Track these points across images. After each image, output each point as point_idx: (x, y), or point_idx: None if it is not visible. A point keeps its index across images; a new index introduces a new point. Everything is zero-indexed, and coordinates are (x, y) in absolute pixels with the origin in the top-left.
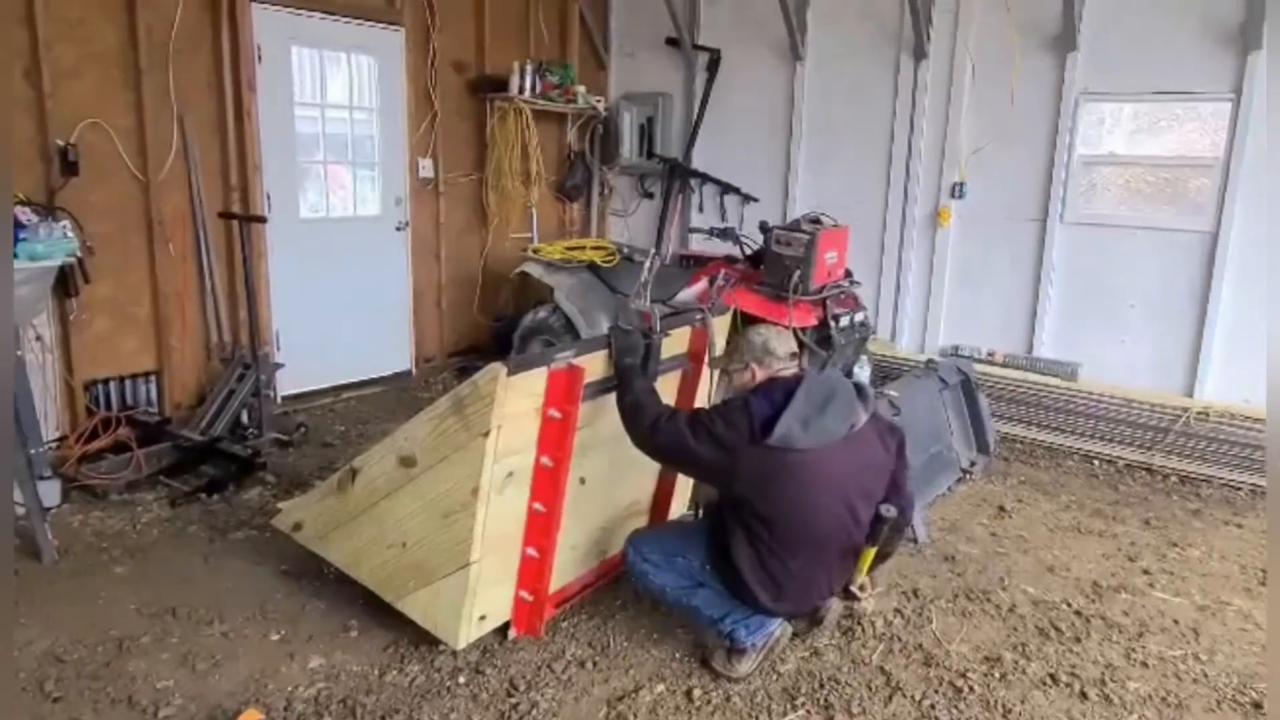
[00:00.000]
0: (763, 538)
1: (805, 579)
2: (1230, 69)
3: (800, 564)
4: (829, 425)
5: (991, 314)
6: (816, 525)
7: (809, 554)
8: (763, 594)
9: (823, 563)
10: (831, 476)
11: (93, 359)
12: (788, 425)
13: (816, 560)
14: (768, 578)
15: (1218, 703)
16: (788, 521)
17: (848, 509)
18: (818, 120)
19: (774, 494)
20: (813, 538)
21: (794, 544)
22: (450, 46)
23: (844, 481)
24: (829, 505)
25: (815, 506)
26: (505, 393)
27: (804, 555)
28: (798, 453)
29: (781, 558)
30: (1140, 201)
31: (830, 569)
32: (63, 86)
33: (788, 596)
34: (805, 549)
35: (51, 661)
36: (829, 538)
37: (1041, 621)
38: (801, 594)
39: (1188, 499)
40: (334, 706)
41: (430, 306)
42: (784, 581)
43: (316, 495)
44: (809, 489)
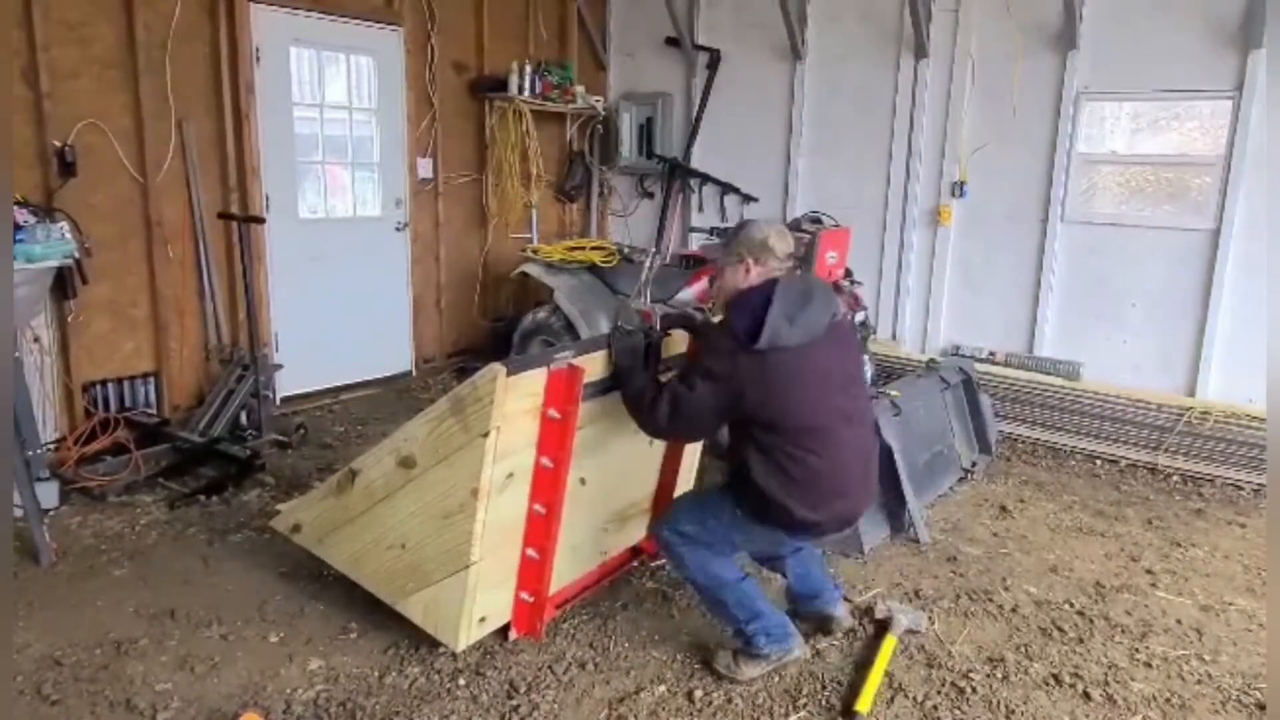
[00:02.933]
0: (778, 447)
1: (831, 479)
2: (1231, 67)
3: (821, 461)
4: (813, 320)
5: (993, 313)
6: (820, 417)
7: (824, 450)
8: (797, 505)
9: (842, 461)
10: (823, 369)
11: (91, 360)
12: (774, 326)
13: (835, 458)
14: (794, 485)
15: (1222, 703)
16: (795, 419)
17: (846, 397)
18: (818, 119)
19: (777, 395)
20: (821, 430)
21: (807, 441)
22: (449, 47)
23: (834, 372)
24: (828, 396)
25: (817, 400)
26: (505, 393)
27: (820, 451)
28: (789, 350)
29: (800, 459)
30: (1141, 200)
31: (850, 470)
32: (61, 87)
33: (822, 501)
34: (818, 444)
35: (50, 664)
36: (836, 430)
37: (1044, 622)
38: (834, 496)
39: (1190, 498)
40: (333, 709)
41: (430, 307)
42: (811, 484)
43: (315, 497)
44: (808, 384)
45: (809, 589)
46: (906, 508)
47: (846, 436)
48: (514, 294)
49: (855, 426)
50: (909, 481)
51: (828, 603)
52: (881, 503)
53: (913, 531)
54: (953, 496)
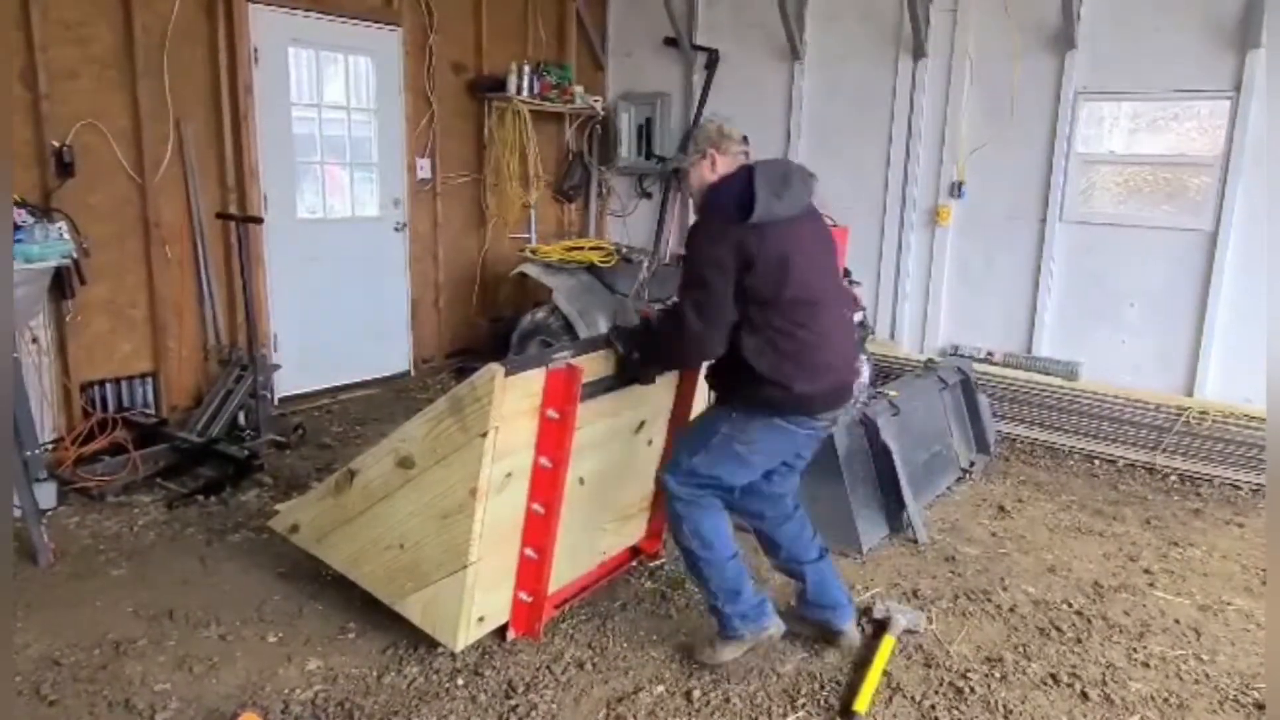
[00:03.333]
0: (769, 323)
1: (820, 351)
2: (1229, 67)
3: (810, 334)
4: (798, 195)
5: (991, 313)
6: (811, 290)
7: (813, 323)
8: (791, 379)
9: (828, 334)
10: (810, 245)
11: (89, 361)
12: (764, 201)
13: (822, 331)
14: (785, 360)
15: (1220, 703)
16: (790, 291)
17: (827, 275)
18: (816, 119)
19: (775, 266)
20: (810, 304)
21: (797, 314)
22: (448, 47)
23: (817, 250)
24: (815, 271)
25: (807, 274)
26: (503, 393)
27: (809, 325)
28: (781, 222)
29: (790, 332)
30: (1140, 200)
31: (836, 343)
32: (59, 88)
33: (814, 374)
34: (807, 317)
35: (48, 665)
36: (822, 304)
37: (1042, 622)
38: (824, 369)
39: (1188, 498)
40: (331, 709)
41: (428, 307)
42: (802, 356)
43: (314, 497)
44: (800, 257)
45: (825, 600)
46: (905, 508)
47: (831, 311)
48: (512, 294)
49: (836, 304)
50: (907, 482)
51: (840, 618)
52: (880, 503)
53: (911, 531)
54: (951, 496)
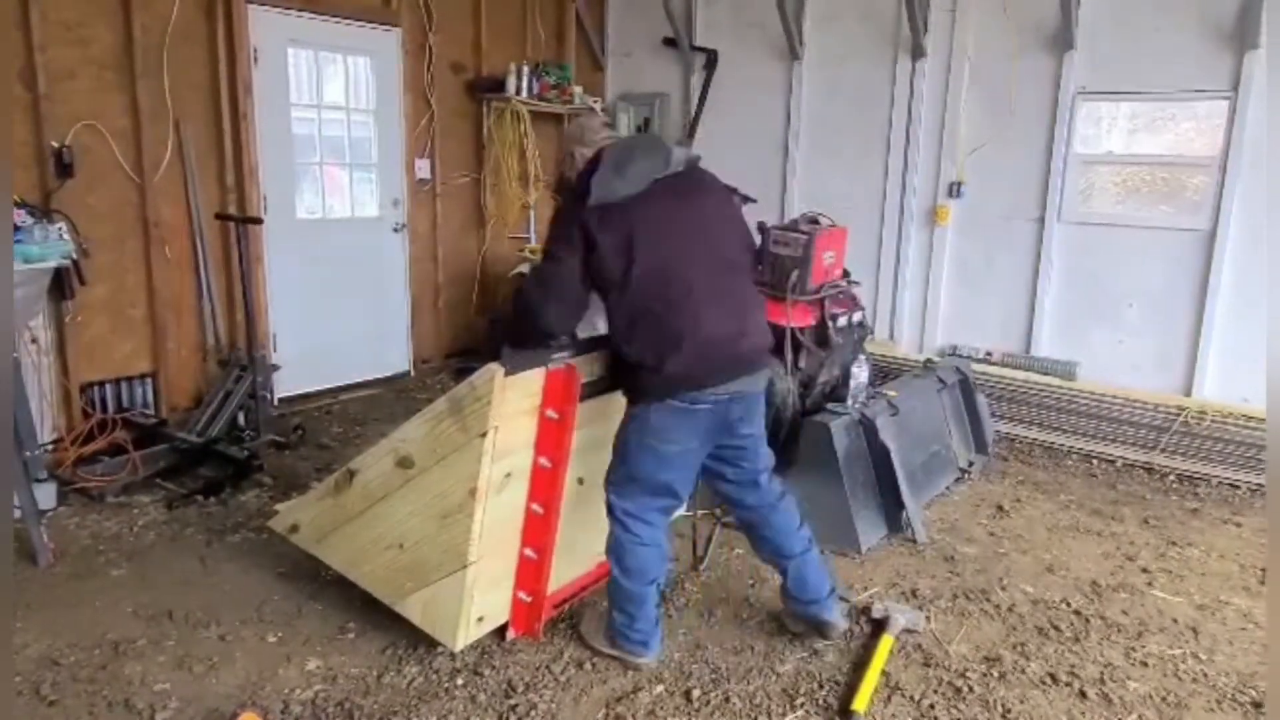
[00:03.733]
0: (628, 307)
1: (687, 325)
2: (1227, 67)
3: (673, 311)
4: (642, 169)
5: (990, 313)
6: (670, 263)
7: (679, 298)
8: (665, 358)
9: (699, 308)
10: (665, 217)
11: (89, 361)
12: (600, 182)
13: (690, 305)
14: (651, 342)
15: (1218, 702)
16: (637, 269)
17: (697, 245)
18: (815, 120)
19: (621, 247)
20: (670, 278)
21: (655, 291)
22: (447, 47)
23: (680, 220)
24: (675, 242)
25: (658, 247)
26: (503, 393)
27: (672, 300)
28: (627, 204)
29: (650, 310)
30: (1138, 200)
31: (712, 314)
32: (58, 88)
33: (684, 349)
34: (669, 293)
35: (48, 665)
36: (689, 276)
37: (1041, 621)
38: (695, 342)
39: (1186, 498)
40: (331, 708)
41: (428, 308)
42: (666, 334)
43: (313, 497)
44: (650, 231)
45: (804, 594)
46: (904, 508)
47: (709, 282)
48: (512, 294)
49: (716, 273)
50: (906, 482)
51: (823, 609)
52: (879, 503)
53: (910, 531)
54: (950, 496)
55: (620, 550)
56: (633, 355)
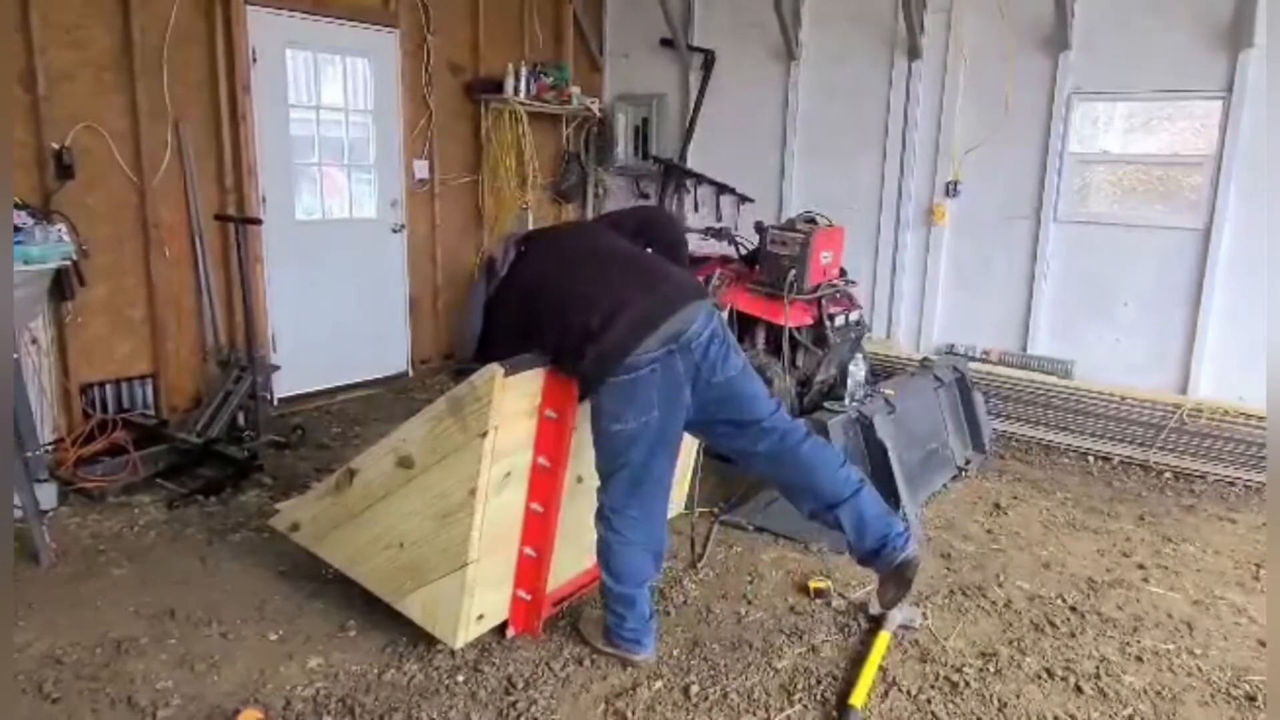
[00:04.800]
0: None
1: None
2: (1221, 67)
3: (577, 305)
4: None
5: (986, 312)
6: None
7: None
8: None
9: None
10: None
11: (89, 362)
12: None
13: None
14: (571, 334)
15: (1212, 696)
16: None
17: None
18: (813, 120)
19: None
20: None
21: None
22: (445, 48)
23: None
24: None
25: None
26: (502, 393)
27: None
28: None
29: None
30: (1133, 199)
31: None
32: (57, 89)
33: (605, 321)
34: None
35: (50, 663)
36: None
37: (1037, 617)
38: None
39: (1182, 495)
40: (333, 705)
41: (427, 308)
42: (570, 317)
43: (314, 496)
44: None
45: (869, 541)
46: (901, 505)
47: (590, 267)
48: None
49: (598, 259)
50: (903, 479)
51: (895, 549)
52: None
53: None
54: (947, 494)
55: (607, 553)
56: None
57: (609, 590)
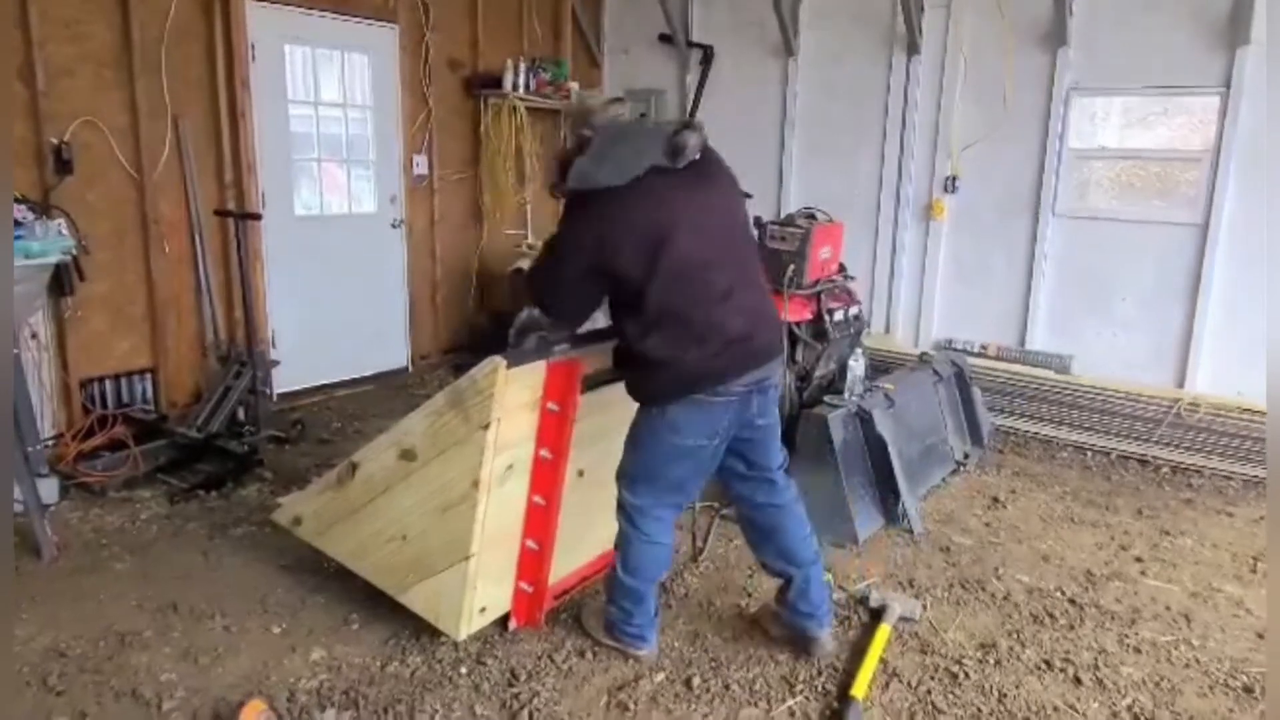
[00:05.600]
0: (650, 303)
1: (711, 318)
2: (1219, 63)
3: (696, 305)
4: (627, 157)
5: (985, 307)
6: (693, 256)
7: (698, 293)
8: (686, 353)
9: (723, 300)
10: (671, 205)
11: (88, 357)
12: (578, 169)
13: (711, 297)
14: (684, 339)
15: (1209, 687)
16: (663, 264)
17: (715, 237)
18: (811, 116)
19: (616, 239)
20: (692, 272)
21: (680, 286)
22: (444, 44)
23: (699, 210)
24: (698, 233)
25: (685, 240)
26: (505, 386)
27: (692, 294)
28: (610, 192)
29: (671, 309)
30: (1132, 195)
31: (734, 306)
32: (57, 85)
33: (708, 344)
34: (692, 286)
35: (54, 656)
36: (711, 266)
37: (1036, 609)
38: (720, 337)
39: (1180, 489)
40: (337, 697)
41: (426, 304)
42: (689, 330)
43: (316, 490)
44: (666, 230)
45: (805, 606)
46: (900, 499)
47: (717, 279)
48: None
49: (731, 265)
50: (903, 473)
51: (817, 625)
52: (876, 494)
53: (906, 522)
54: (946, 488)
55: (627, 547)
56: (651, 353)
57: (620, 584)
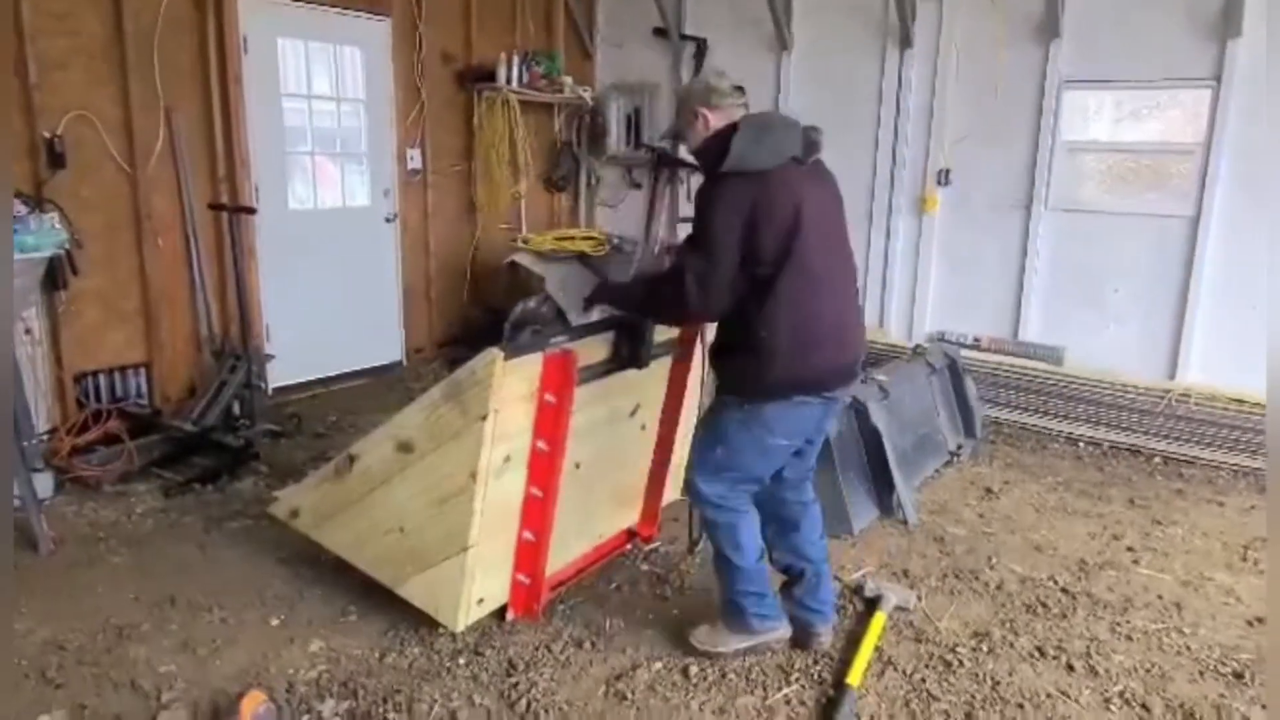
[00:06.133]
0: (779, 291)
1: (831, 320)
2: (1210, 56)
3: (821, 304)
4: (780, 142)
5: (978, 300)
6: (819, 253)
7: (824, 290)
8: (808, 352)
9: (834, 306)
10: (813, 202)
11: (82, 351)
12: (739, 149)
13: (827, 302)
14: (797, 332)
15: (1200, 673)
16: (796, 250)
17: (835, 238)
18: (804, 109)
19: (773, 219)
20: (820, 269)
21: (808, 279)
22: (437, 37)
23: (822, 209)
24: (822, 230)
25: (812, 230)
26: (502, 377)
27: (820, 292)
28: (765, 175)
29: (800, 301)
30: (1124, 187)
31: (843, 317)
32: (49, 78)
33: (826, 346)
34: (818, 283)
35: (53, 649)
36: (825, 273)
37: (1029, 598)
38: (831, 344)
39: (1171, 479)
40: (335, 688)
41: (420, 297)
42: (813, 327)
43: (313, 482)
44: (803, 211)
45: (814, 603)
46: (895, 490)
47: (836, 282)
48: (504, 284)
49: (844, 274)
50: (897, 464)
51: (822, 620)
52: (870, 485)
53: (901, 513)
54: (939, 479)
55: (729, 532)
56: (771, 345)
57: (737, 572)
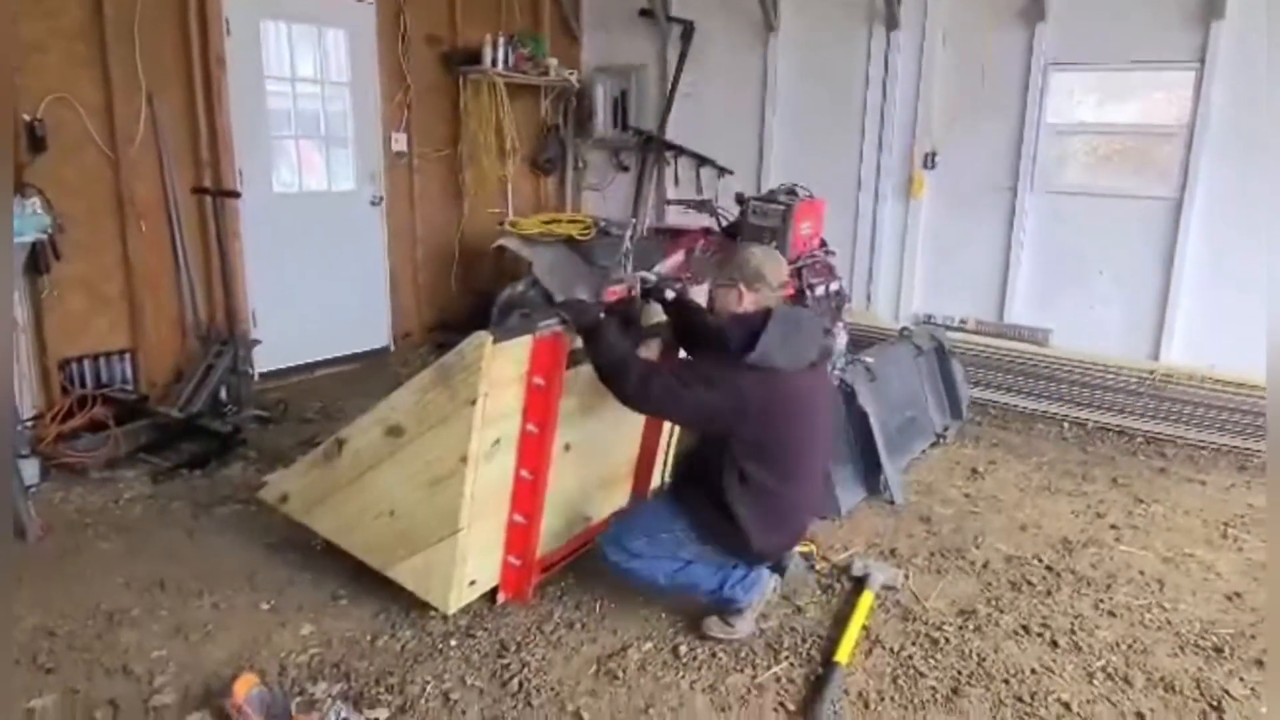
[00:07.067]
0: (755, 475)
1: (796, 514)
2: (1194, 38)
3: (791, 490)
4: (803, 347)
5: (964, 282)
6: (803, 447)
7: (798, 479)
8: (759, 536)
9: (806, 497)
10: (809, 400)
11: (66, 337)
12: (767, 344)
13: (802, 493)
14: (761, 515)
15: (1181, 648)
16: (782, 447)
17: (822, 433)
18: (792, 92)
19: (770, 417)
20: (800, 462)
21: (785, 470)
22: (422, 20)
23: (816, 406)
24: (813, 428)
25: (803, 428)
26: (492, 361)
27: (794, 480)
28: (779, 374)
29: (774, 489)
30: (1108, 169)
31: (811, 496)
32: (28, 60)
33: (779, 528)
34: (795, 474)
35: (43, 635)
36: (814, 464)
37: (1014, 576)
38: (791, 531)
39: (1154, 458)
40: (328, 670)
41: (407, 282)
42: (776, 513)
43: (303, 467)
44: (799, 412)
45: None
46: (882, 471)
47: (812, 460)
48: (491, 268)
49: (817, 453)
50: (884, 445)
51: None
52: (858, 466)
53: (888, 493)
54: (926, 459)
55: (648, 575)
56: (737, 512)
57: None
